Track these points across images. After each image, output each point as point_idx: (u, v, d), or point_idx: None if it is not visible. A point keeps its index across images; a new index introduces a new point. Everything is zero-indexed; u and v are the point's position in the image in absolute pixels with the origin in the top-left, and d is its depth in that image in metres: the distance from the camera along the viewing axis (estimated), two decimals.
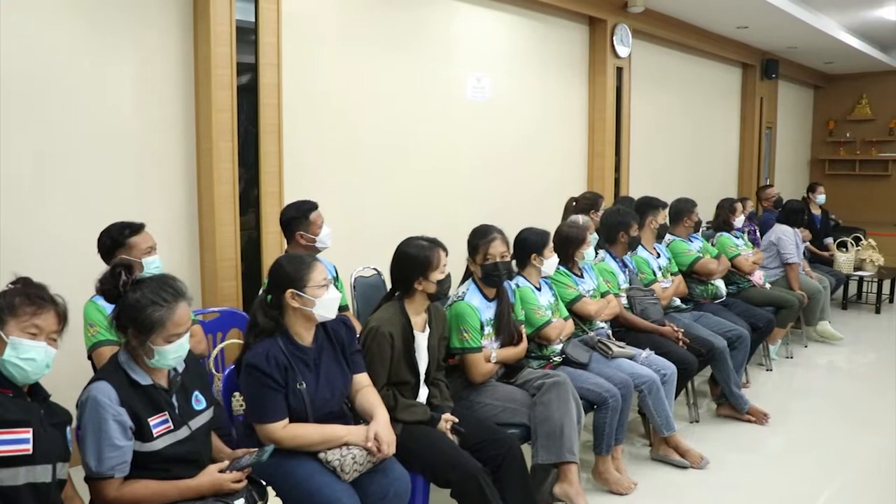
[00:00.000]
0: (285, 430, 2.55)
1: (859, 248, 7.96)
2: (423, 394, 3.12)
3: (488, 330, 3.48)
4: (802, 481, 3.98)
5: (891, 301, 8.47)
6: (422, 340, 3.09)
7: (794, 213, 6.61)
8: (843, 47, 9.94)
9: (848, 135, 12.72)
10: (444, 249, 3.12)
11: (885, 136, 12.39)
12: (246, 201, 4.24)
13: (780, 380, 5.74)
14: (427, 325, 3.15)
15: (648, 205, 5.04)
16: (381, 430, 2.65)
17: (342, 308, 3.79)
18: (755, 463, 4.20)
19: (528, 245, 3.82)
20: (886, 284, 8.35)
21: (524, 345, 3.61)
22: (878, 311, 8.10)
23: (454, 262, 3.27)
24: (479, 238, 3.52)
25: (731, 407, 4.77)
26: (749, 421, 4.72)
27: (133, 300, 2.21)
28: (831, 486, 3.95)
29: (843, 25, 9.44)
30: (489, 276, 3.48)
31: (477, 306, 3.45)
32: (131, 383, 2.22)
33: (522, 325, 3.66)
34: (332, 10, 4.78)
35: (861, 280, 8.21)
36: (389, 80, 5.16)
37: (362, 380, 2.82)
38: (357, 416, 2.80)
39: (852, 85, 12.59)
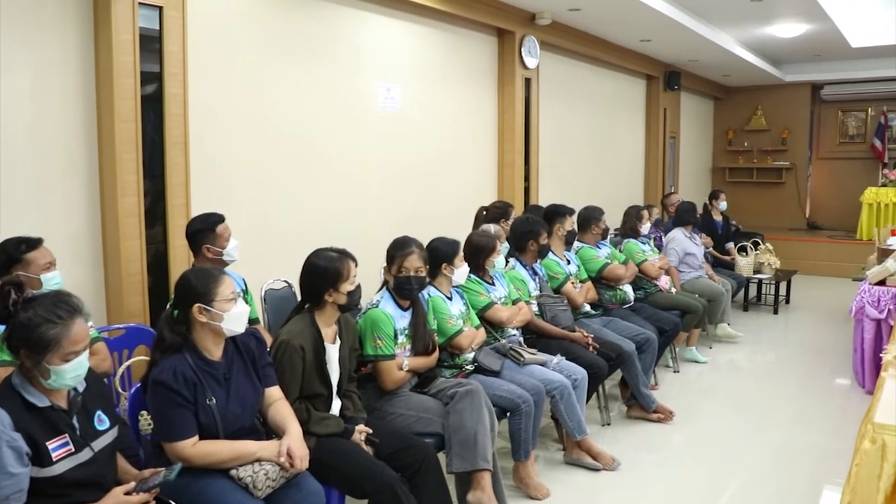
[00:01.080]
0: (195, 448, 2.49)
1: (758, 252, 8.30)
2: (335, 406, 3.10)
3: (402, 339, 3.49)
4: (709, 476, 4.14)
5: (787, 302, 8.86)
6: (333, 352, 3.08)
7: (685, 213, 6.89)
8: (739, 61, 10.37)
9: (746, 144, 13.27)
10: (354, 260, 3.13)
11: (779, 145, 12.99)
12: (153, 214, 4.13)
13: (686, 380, 5.93)
14: (338, 337, 3.14)
15: (556, 212, 5.15)
16: (294, 444, 2.63)
17: (252, 321, 3.72)
18: (665, 461, 4.34)
19: (439, 254, 3.85)
20: (783, 286, 8.74)
21: (436, 354, 3.64)
22: (776, 311, 8.46)
23: (366, 272, 3.27)
24: (397, 250, 3.56)
25: (641, 407, 4.92)
26: (657, 420, 4.87)
27: (24, 319, 2.12)
28: (736, 479, 4.12)
29: (739, 41, 9.86)
30: (401, 289, 3.52)
31: (391, 314, 3.46)
32: (27, 406, 2.13)
33: (435, 335, 3.68)
34: (240, 18, 4.71)
35: (760, 283, 8.56)
36: (299, 91, 5.12)
37: (274, 393, 2.79)
38: (269, 431, 2.76)
39: (748, 97, 13.15)
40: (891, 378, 2.67)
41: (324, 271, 3.05)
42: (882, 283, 5.34)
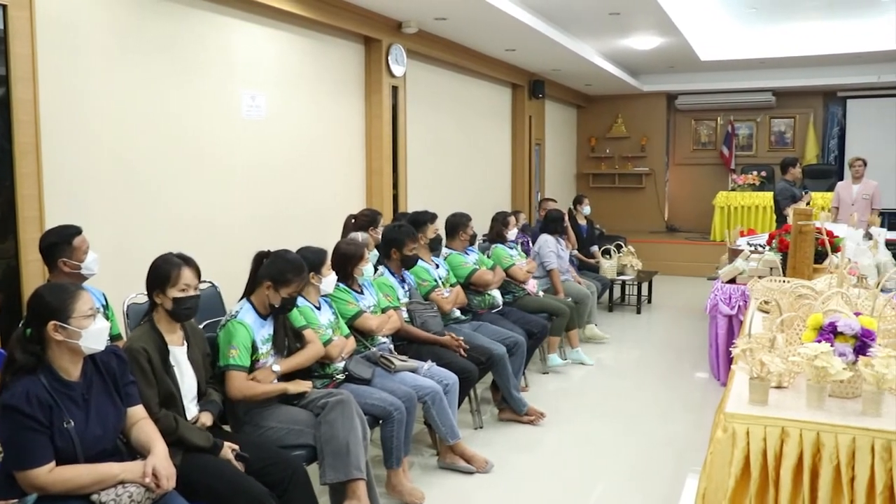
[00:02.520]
0: (52, 475, 2.35)
1: (621, 254, 8.63)
2: (192, 411, 3.02)
3: (266, 348, 3.42)
4: (581, 473, 4.27)
5: (649, 301, 9.26)
6: (179, 354, 3.01)
7: (553, 222, 7.10)
8: (599, 71, 10.77)
9: (608, 151, 13.78)
10: (195, 270, 3.06)
11: (639, 152, 13.56)
12: (3, 228, 3.86)
13: (556, 381, 6.09)
14: (185, 341, 3.07)
15: (417, 220, 5.18)
16: (159, 463, 2.53)
17: (114, 337, 3.58)
18: (537, 461, 4.44)
19: (306, 264, 3.79)
20: (645, 287, 9.12)
21: (315, 349, 3.59)
22: (639, 311, 8.82)
23: (232, 285, 3.17)
24: (295, 274, 3.50)
25: (512, 410, 5.00)
26: (529, 422, 4.97)
27: None
28: (606, 474, 4.26)
29: (600, 52, 10.24)
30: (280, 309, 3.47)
31: (250, 324, 3.38)
32: None
33: (310, 332, 3.63)
34: (96, 20, 4.46)
35: (624, 284, 8.90)
36: (161, 98, 4.92)
37: (137, 412, 2.67)
38: (133, 453, 2.64)
39: (609, 105, 13.67)
40: (740, 370, 2.82)
41: (155, 270, 3.01)
42: (732, 281, 5.66)
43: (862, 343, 2.59)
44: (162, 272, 2.99)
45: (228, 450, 2.94)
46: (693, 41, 9.67)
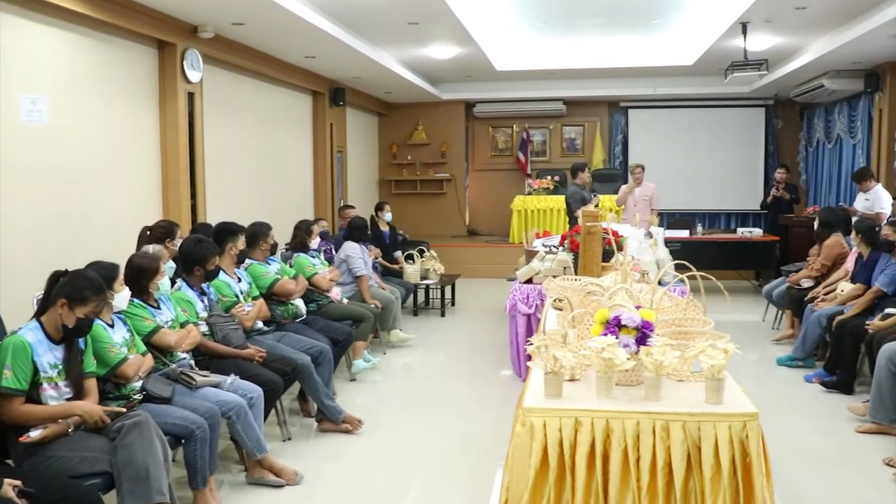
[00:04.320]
0: None
1: (424, 259, 8.80)
2: None
3: (52, 373, 3.18)
4: (395, 477, 4.30)
5: (453, 304, 9.51)
6: None
7: (358, 230, 7.14)
8: (399, 79, 10.92)
9: (409, 157, 13.99)
10: None
11: (439, 158, 13.89)
12: None
13: (365, 387, 6.10)
14: None
15: (228, 231, 5.02)
16: None
17: None
18: (351, 469, 4.43)
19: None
20: (448, 290, 9.35)
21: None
22: (443, 314, 9.03)
23: (7, 306, 2.92)
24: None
25: (329, 420, 4.94)
26: (347, 430, 4.92)
27: None
28: (420, 476, 4.34)
29: (400, 60, 10.39)
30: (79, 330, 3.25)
31: (32, 343, 3.13)
32: None
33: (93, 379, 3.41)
34: None
35: (428, 288, 9.08)
36: None
37: None
38: None
39: (410, 113, 13.89)
40: (535, 366, 2.96)
41: None
42: (530, 281, 5.93)
43: (643, 334, 2.80)
44: None
45: (9, 487, 2.69)
46: (489, 52, 10.04)
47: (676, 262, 3.87)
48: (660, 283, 4.48)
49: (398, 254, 8.81)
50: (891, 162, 9.68)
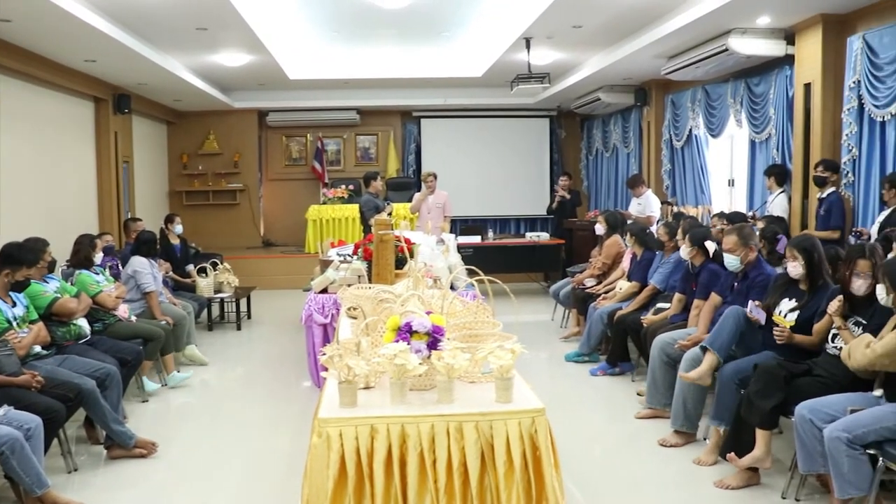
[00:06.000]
0: None
1: (217, 272, 8.55)
2: None
3: None
4: (196, 500, 4.17)
5: (249, 317, 9.31)
6: None
7: (146, 244, 6.83)
8: (189, 87, 10.55)
9: (200, 167, 13.54)
10: None
11: (232, 168, 13.55)
12: None
13: (159, 408, 5.84)
14: None
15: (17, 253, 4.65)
16: None
17: None
18: (148, 497, 4.23)
19: None
20: (244, 303, 9.16)
21: None
22: (239, 328, 8.82)
23: None
24: None
25: (119, 446, 4.64)
26: (140, 455, 4.66)
27: None
28: (221, 494, 4.23)
29: (188, 67, 10.04)
30: None
31: None
32: None
33: None
34: None
35: (222, 301, 8.84)
36: None
37: None
38: None
39: (201, 121, 13.44)
40: (330, 376, 2.99)
41: None
42: (325, 291, 5.93)
43: (434, 339, 2.91)
44: None
45: None
46: (281, 60, 9.95)
47: (467, 267, 4.04)
48: (452, 287, 4.65)
49: (190, 267, 8.52)
50: (659, 169, 10.65)
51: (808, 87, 7.00)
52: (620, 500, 4.14)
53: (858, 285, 3.89)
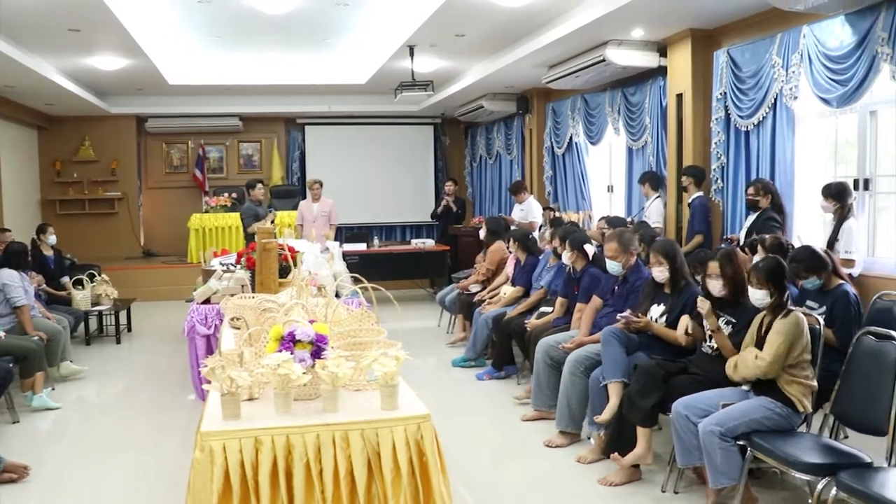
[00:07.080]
0: None
1: (95, 283, 8.23)
2: None
3: None
4: None
5: (129, 330, 8.99)
6: None
7: (16, 256, 6.52)
8: (61, 90, 10.12)
9: (76, 175, 12.99)
10: None
11: (109, 175, 13.07)
12: None
13: (32, 428, 5.56)
14: None
15: None
16: None
17: None
18: None
19: None
20: (123, 315, 8.84)
21: None
22: (118, 341, 8.50)
23: None
24: None
25: None
26: (10, 480, 4.39)
27: None
28: None
29: (61, 70, 9.63)
30: None
31: None
32: None
33: None
34: None
35: (101, 314, 8.51)
36: None
37: None
38: None
39: (75, 127, 12.90)
40: (213, 389, 2.93)
41: None
42: (208, 301, 5.81)
43: (318, 348, 2.90)
44: None
45: None
46: (160, 64, 9.68)
47: (352, 274, 4.04)
48: (338, 296, 4.64)
49: (65, 279, 8.16)
50: (541, 175, 10.93)
51: (679, 97, 7.36)
52: (509, 502, 4.24)
53: (712, 286, 4.17)
